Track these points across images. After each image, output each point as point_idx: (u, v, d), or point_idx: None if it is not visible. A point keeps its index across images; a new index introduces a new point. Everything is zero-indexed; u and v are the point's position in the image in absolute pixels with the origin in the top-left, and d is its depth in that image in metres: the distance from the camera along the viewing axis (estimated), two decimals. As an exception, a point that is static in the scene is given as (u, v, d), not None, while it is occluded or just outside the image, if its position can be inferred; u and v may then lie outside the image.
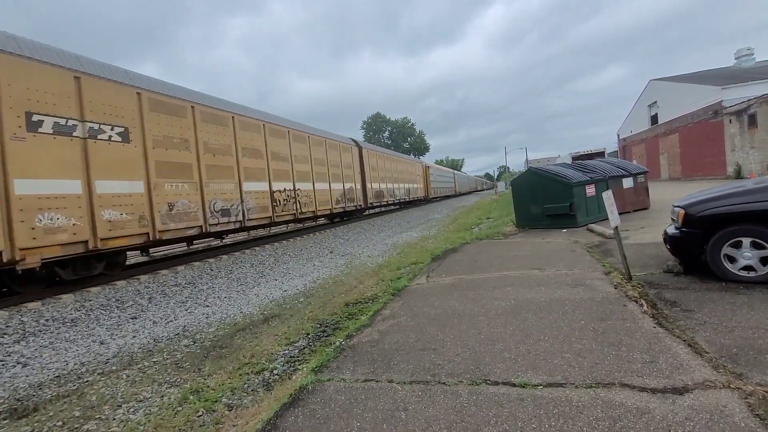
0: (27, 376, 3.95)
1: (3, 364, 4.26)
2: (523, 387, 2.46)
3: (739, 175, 21.45)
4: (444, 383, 2.63)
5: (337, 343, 3.61)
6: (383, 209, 26.37)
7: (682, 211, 4.49)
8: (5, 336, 5.03)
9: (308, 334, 4.26)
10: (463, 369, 2.80)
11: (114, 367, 4.02)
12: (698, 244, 4.32)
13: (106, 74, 7.79)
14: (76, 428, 2.87)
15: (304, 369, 3.26)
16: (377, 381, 2.78)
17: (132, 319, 5.74)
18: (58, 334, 5.14)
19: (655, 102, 33.36)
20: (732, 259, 4.14)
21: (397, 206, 28.89)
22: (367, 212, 23.22)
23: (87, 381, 3.73)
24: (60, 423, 2.95)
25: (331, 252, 10.84)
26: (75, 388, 3.60)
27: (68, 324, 5.53)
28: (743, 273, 4.07)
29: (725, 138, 23.33)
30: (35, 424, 2.95)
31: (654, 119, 34.06)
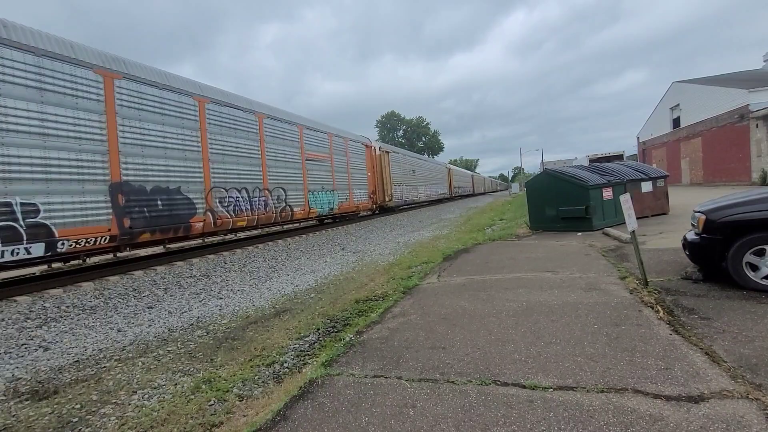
0: (48, 360, 4.10)
1: (26, 348, 4.43)
2: (533, 389, 2.44)
3: (764, 181, 20.68)
4: (453, 382, 2.63)
5: (347, 339, 3.63)
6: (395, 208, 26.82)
7: (703, 217, 4.36)
8: (28, 321, 5.22)
9: (318, 329, 4.30)
10: (473, 369, 2.79)
11: (130, 355, 4.14)
12: (719, 250, 4.19)
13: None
14: (93, 411, 2.96)
15: (314, 363, 3.30)
16: (386, 377, 2.79)
17: (148, 308, 5.89)
18: (78, 321, 5.31)
19: (678, 105, 32.38)
20: (754, 267, 4.01)
21: (418, 204, 30.94)
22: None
23: (104, 367, 3.84)
24: (78, 406, 3.05)
25: (343, 249, 10.90)
26: (93, 372, 3.71)
27: (87, 311, 5.71)
28: (766, 282, 3.94)
29: (751, 143, 22.52)
30: (55, 406, 3.06)
31: (676, 122, 33.07)
